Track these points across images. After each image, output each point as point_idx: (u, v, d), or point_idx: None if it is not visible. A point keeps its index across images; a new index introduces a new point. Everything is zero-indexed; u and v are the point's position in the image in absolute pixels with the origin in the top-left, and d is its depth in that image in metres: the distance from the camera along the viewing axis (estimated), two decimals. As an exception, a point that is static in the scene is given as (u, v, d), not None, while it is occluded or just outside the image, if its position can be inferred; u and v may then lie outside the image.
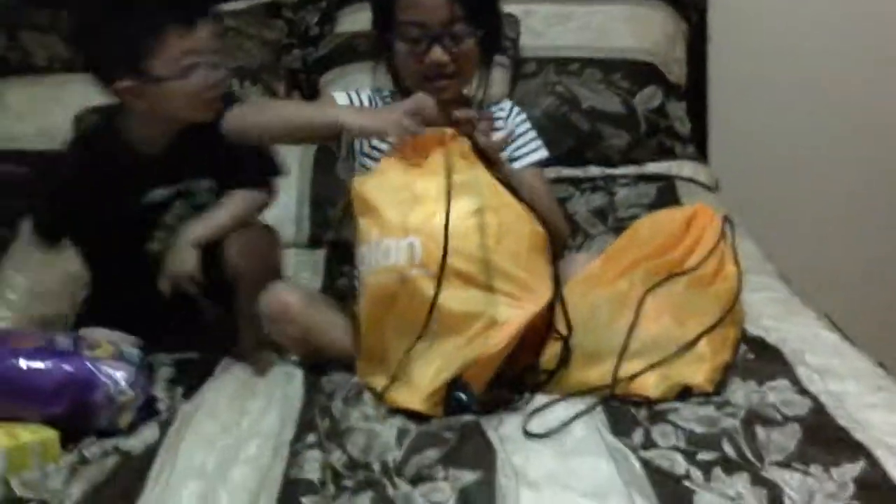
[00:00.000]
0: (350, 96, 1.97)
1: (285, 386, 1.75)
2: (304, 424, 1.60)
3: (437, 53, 1.86)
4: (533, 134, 1.98)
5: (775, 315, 1.84)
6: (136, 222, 1.94)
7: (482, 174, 1.69)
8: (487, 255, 1.63)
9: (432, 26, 1.86)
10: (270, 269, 1.92)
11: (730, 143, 2.87)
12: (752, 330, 1.76)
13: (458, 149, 1.70)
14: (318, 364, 1.80)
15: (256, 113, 1.87)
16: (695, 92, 2.77)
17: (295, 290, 1.84)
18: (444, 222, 1.63)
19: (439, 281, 1.61)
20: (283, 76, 2.69)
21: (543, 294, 1.65)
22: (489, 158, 1.73)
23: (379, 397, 1.65)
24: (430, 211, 1.66)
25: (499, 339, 1.60)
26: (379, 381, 1.68)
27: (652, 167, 2.54)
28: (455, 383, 1.60)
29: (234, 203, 1.95)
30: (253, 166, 2.00)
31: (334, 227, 2.36)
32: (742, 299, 1.72)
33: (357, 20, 2.67)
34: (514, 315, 1.61)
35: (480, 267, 1.63)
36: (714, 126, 2.87)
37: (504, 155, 1.87)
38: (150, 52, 1.83)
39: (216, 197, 1.97)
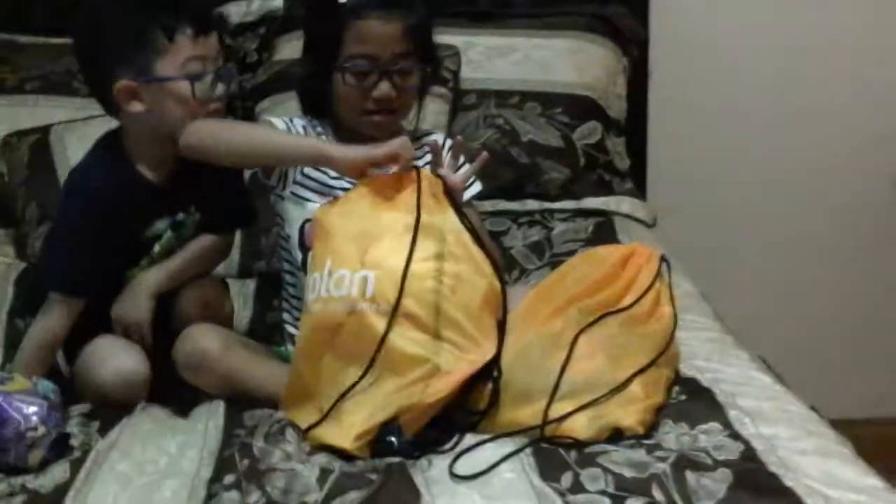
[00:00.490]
0: (287, 123, 1.92)
1: (206, 421, 1.69)
2: (223, 463, 1.54)
3: (386, 88, 1.83)
4: (467, 166, 1.95)
5: (709, 355, 1.82)
6: (130, 252, 1.87)
7: (450, 218, 1.67)
8: (440, 302, 1.61)
9: (383, 60, 1.83)
10: (222, 323, 1.88)
11: (668, 180, 2.86)
12: (686, 370, 1.73)
13: (430, 188, 1.68)
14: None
15: (223, 131, 1.80)
16: (634, 127, 2.76)
17: (212, 335, 1.77)
18: (403, 262, 1.60)
19: (391, 318, 1.58)
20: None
21: (488, 349, 1.62)
22: (454, 198, 1.71)
23: (304, 434, 1.61)
24: (390, 247, 1.63)
25: (439, 389, 1.58)
26: (306, 417, 1.63)
27: (590, 202, 2.52)
28: (387, 426, 1.57)
29: (197, 252, 1.91)
30: (234, 207, 1.96)
31: (266, 257, 2.31)
32: (676, 339, 1.70)
33: (297, 47, 2.59)
34: (457, 366, 1.59)
35: (431, 312, 1.60)
36: (652, 162, 2.86)
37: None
38: (160, 51, 1.77)
39: (196, 232, 1.91)
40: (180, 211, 1.89)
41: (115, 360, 1.79)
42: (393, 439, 1.56)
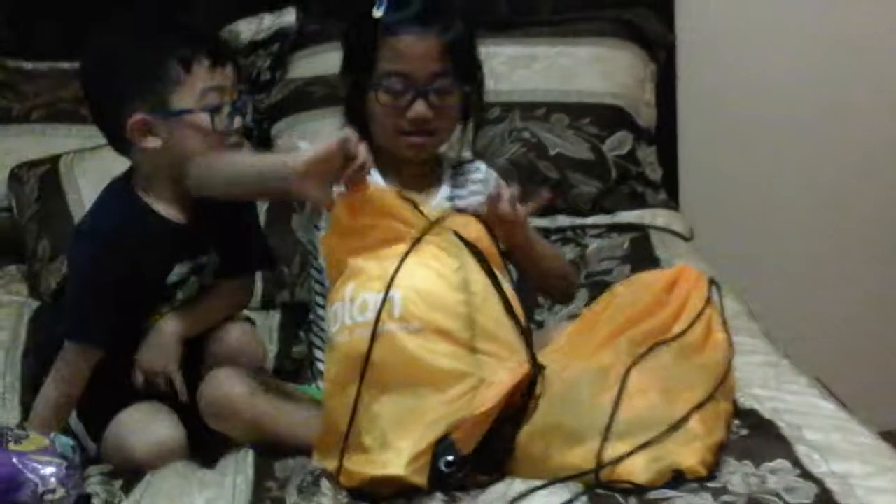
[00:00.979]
0: None
1: (235, 473, 1.59)
2: (255, 522, 1.44)
3: (421, 109, 1.73)
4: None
5: (765, 382, 1.71)
6: (151, 300, 1.77)
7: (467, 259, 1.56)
8: (472, 314, 1.51)
9: (418, 79, 1.73)
10: (255, 367, 1.79)
11: (701, 189, 2.75)
12: (744, 401, 1.62)
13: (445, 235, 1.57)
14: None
15: (219, 162, 1.69)
16: (663, 135, 2.66)
17: (239, 380, 1.66)
18: (428, 276, 1.52)
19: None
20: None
21: (526, 357, 1.53)
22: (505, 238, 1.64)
23: (339, 474, 1.51)
24: (412, 264, 1.53)
25: (487, 399, 1.48)
26: (344, 460, 1.52)
27: (624, 216, 2.42)
28: (441, 445, 1.47)
29: (221, 295, 1.81)
30: (252, 249, 1.86)
31: (289, 287, 2.21)
32: (732, 368, 1.59)
33: (311, 65, 2.53)
34: (501, 375, 1.50)
35: (463, 325, 1.51)
36: (684, 171, 2.76)
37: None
38: (176, 83, 1.68)
39: (215, 277, 1.82)
40: (201, 253, 1.79)
41: (147, 430, 1.68)
42: (450, 458, 1.47)
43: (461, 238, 1.56)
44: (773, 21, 2.71)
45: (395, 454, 1.48)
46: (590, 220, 2.40)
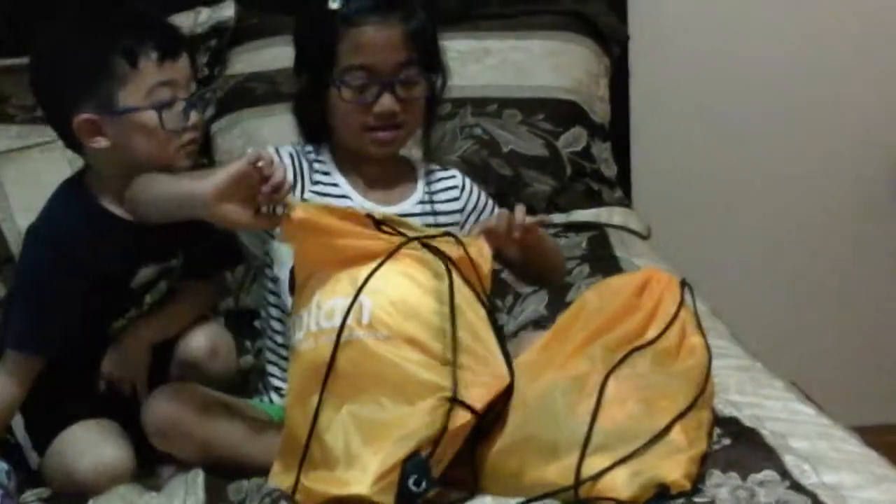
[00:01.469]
0: (292, 155, 1.71)
1: (184, 497, 1.48)
2: (211, 552, 1.33)
3: (388, 103, 1.64)
4: (489, 198, 1.82)
5: (741, 387, 1.65)
6: (116, 304, 1.66)
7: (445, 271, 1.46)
8: (447, 326, 1.42)
9: (383, 71, 1.63)
10: (226, 375, 1.69)
11: (654, 187, 2.69)
12: (722, 408, 1.55)
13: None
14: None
15: (142, 189, 1.57)
16: (616, 132, 2.59)
17: (184, 398, 1.55)
18: (400, 284, 1.43)
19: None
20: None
21: (502, 371, 1.45)
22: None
23: (294, 492, 1.40)
24: (386, 271, 1.44)
25: (461, 415, 1.39)
26: (302, 477, 1.42)
27: (580, 214, 2.34)
28: (410, 463, 1.36)
29: (190, 298, 1.72)
30: (219, 248, 1.75)
31: (234, 294, 2.09)
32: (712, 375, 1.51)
33: (252, 60, 2.42)
34: (476, 392, 1.41)
35: (437, 336, 1.42)
36: (637, 168, 2.69)
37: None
38: (122, 79, 1.58)
39: (182, 278, 1.72)
40: (169, 256, 1.68)
41: (93, 451, 1.57)
42: (419, 478, 1.36)
43: (440, 252, 1.47)
44: (728, 15, 2.66)
45: (360, 471, 1.38)
46: (545, 220, 2.32)
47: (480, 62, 2.42)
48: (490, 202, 1.82)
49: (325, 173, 1.71)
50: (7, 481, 1.42)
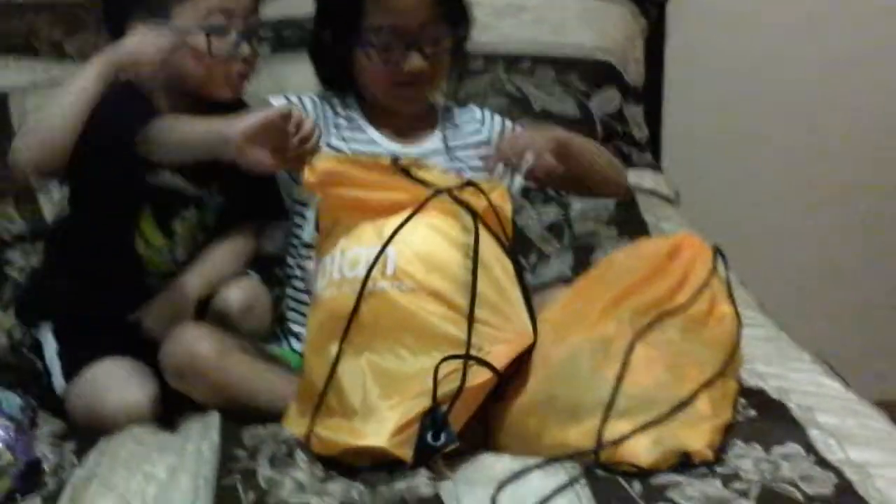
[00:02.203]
0: (315, 102, 1.71)
1: (199, 440, 1.46)
2: (224, 496, 1.31)
3: (416, 61, 1.63)
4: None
5: (768, 359, 1.62)
6: (136, 198, 1.65)
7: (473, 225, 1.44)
8: (469, 279, 1.40)
9: (410, 30, 1.62)
10: (260, 331, 1.67)
11: (684, 151, 2.64)
12: (748, 378, 1.52)
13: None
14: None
15: (166, 130, 1.55)
16: (649, 95, 2.54)
17: (206, 337, 1.53)
18: (427, 236, 1.41)
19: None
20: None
21: (526, 328, 1.43)
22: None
23: (307, 440, 1.38)
24: (413, 222, 1.42)
25: (484, 373, 1.37)
26: (317, 425, 1.40)
27: (609, 176, 2.30)
28: (429, 417, 1.34)
29: (233, 252, 1.70)
30: (261, 194, 1.72)
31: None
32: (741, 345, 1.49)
33: (282, 4, 2.37)
34: (499, 349, 1.39)
35: (462, 290, 1.40)
36: (668, 132, 2.64)
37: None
38: None
39: (220, 219, 1.70)
40: (201, 182, 1.67)
41: (120, 389, 1.56)
42: (438, 433, 1.34)
43: (467, 206, 1.44)
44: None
45: (378, 423, 1.36)
46: (573, 181, 2.28)
47: (515, 17, 2.38)
48: (517, 128, 1.79)
49: (351, 119, 1.71)
50: (21, 416, 1.40)
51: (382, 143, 1.70)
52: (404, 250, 1.40)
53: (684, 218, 2.25)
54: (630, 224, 2.13)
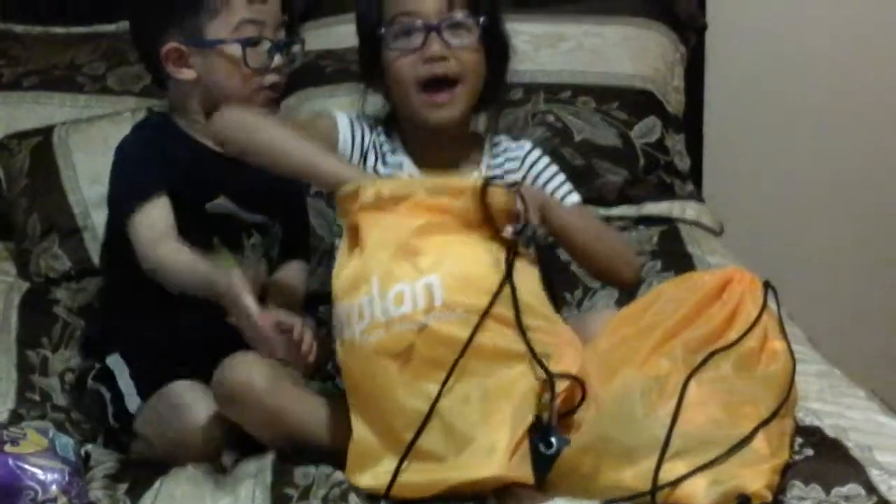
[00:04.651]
0: (352, 121, 1.70)
1: (254, 480, 1.45)
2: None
3: (436, 47, 1.61)
4: (563, 177, 1.74)
5: (822, 395, 1.60)
6: (192, 223, 1.66)
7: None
8: (509, 291, 1.41)
9: (428, 15, 1.62)
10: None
11: (726, 181, 2.62)
12: (803, 416, 1.51)
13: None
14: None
15: (252, 127, 1.58)
16: (689, 124, 2.53)
17: (258, 364, 1.52)
18: (462, 252, 1.42)
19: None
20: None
21: (570, 334, 1.47)
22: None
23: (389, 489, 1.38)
24: (441, 242, 1.42)
25: (568, 362, 1.41)
26: (382, 471, 1.40)
27: (651, 208, 2.28)
28: (538, 429, 1.36)
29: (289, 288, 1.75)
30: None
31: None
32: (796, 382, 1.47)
33: (323, 37, 2.38)
34: (565, 356, 1.42)
35: (506, 303, 1.41)
36: (709, 161, 2.63)
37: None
38: (213, 11, 1.64)
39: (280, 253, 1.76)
40: (255, 208, 1.71)
41: (192, 411, 1.56)
42: (552, 440, 1.36)
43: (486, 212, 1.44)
44: (808, 6, 2.58)
45: (486, 453, 1.35)
46: (615, 211, 2.26)
47: (555, 47, 2.36)
48: (562, 185, 1.74)
49: (392, 151, 1.70)
50: (74, 458, 1.39)
51: (419, 176, 1.68)
52: (446, 278, 1.40)
53: (730, 250, 2.23)
54: (674, 257, 2.11)
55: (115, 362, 1.69)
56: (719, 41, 2.56)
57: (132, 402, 1.65)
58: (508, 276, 1.41)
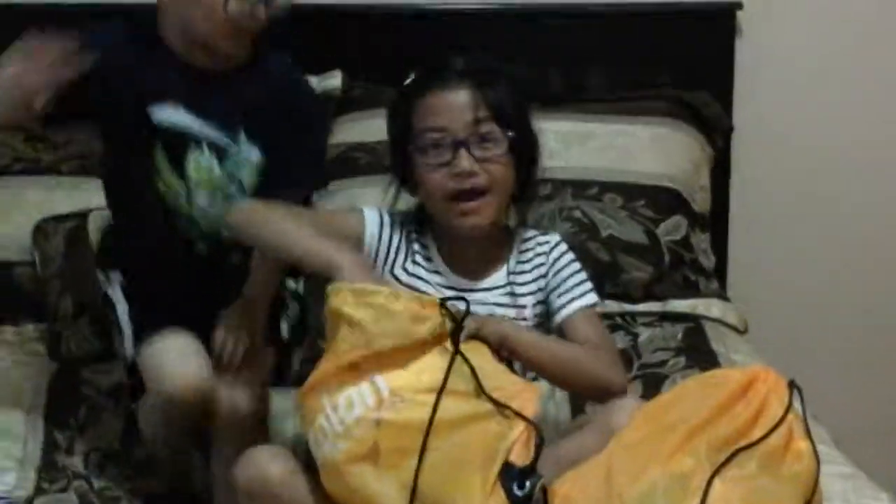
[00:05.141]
0: (382, 218, 1.73)
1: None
2: None
3: (465, 161, 1.62)
4: (582, 276, 1.74)
5: (846, 496, 1.61)
6: (146, 135, 1.72)
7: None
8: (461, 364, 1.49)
9: (456, 130, 1.64)
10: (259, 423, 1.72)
11: (750, 280, 2.64)
12: (827, 518, 1.50)
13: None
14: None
15: (262, 221, 1.66)
16: (715, 223, 2.55)
17: (277, 458, 1.56)
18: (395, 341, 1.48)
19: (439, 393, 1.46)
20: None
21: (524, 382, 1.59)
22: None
23: None
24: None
25: (525, 404, 1.49)
26: None
27: (676, 305, 2.31)
28: (507, 473, 1.44)
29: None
30: (302, 157, 1.81)
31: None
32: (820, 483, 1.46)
33: (356, 130, 2.43)
34: (519, 394, 1.51)
35: (460, 377, 1.48)
36: (734, 260, 2.65)
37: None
38: None
39: (260, 177, 1.77)
40: (219, 120, 1.73)
41: (181, 363, 1.68)
42: (523, 480, 1.44)
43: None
44: (834, 110, 2.61)
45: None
46: (640, 308, 2.30)
47: (584, 145, 2.41)
48: (580, 284, 1.73)
49: (425, 247, 1.72)
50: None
51: (447, 276, 1.70)
52: (388, 375, 1.46)
53: (755, 349, 2.24)
54: (699, 354, 2.12)
55: (115, 293, 1.81)
56: (745, 143, 2.60)
57: (129, 347, 1.77)
58: (455, 347, 1.48)
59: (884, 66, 2.59)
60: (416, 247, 1.72)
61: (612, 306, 2.28)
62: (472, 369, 1.47)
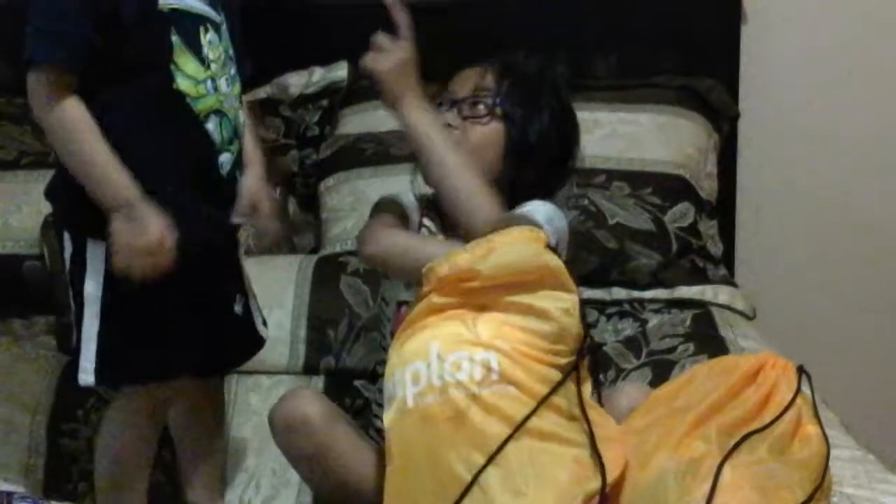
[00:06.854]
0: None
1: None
2: None
3: (449, 116, 1.71)
4: (546, 210, 1.73)
5: (856, 480, 1.59)
6: (159, 26, 1.54)
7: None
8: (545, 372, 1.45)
9: (456, 92, 1.74)
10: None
11: (758, 266, 2.64)
12: (837, 501, 1.50)
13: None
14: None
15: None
16: (722, 209, 2.55)
17: (318, 400, 1.64)
18: (515, 335, 1.45)
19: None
20: (278, 180, 2.43)
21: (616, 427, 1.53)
22: None
23: None
24: (498, 321, 1.46)
25: (616, 465, 1.43)
26: None
27: (684, 291, 2.30)
28: None
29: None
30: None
31: (335, 353, 2.09)
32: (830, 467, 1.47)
33: (362, 121, 2.44)
34: (613, 452, 1.44)
35: (565, 394, 1.45)
36: (741, 247, 2.65)
37: None
38: None
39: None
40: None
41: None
42: None
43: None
44: (840, 96, 2.61)
45: None
46: (648, 294, 2.29)
47: (590, 133, 2.39)
48: (536, 210, 1.72)
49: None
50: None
51: None
52: (503, 357, 1.43)
53: (763, 335, 2.23)
54: (707, 340, 2.12)
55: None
56: (752, 129, 2.59)
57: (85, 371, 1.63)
58: (575, 370, 1.46)
59: (892, 52, 2.58)
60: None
61: (620, 293, 2.28)
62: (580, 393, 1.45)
